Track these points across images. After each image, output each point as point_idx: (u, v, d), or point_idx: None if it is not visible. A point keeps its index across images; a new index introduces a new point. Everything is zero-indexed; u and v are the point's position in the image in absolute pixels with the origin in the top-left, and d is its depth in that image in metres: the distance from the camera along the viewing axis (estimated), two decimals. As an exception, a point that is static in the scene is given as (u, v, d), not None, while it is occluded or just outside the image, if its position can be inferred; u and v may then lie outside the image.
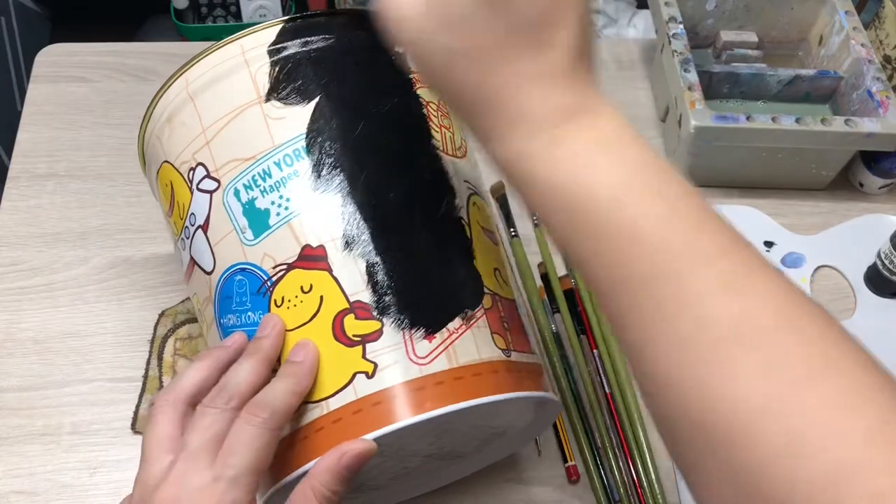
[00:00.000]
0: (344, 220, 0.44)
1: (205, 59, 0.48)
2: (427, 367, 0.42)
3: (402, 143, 0.47)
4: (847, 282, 0.70)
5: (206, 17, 1.60)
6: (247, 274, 0.46)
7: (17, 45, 1.50)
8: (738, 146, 0.70)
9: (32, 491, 0.57)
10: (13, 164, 0.75)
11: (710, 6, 0.80)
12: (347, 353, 0.42)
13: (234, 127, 0.47)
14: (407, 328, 0.42)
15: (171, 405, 0.41)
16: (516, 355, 0.45)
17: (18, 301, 0.66)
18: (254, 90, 0.47)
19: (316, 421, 0.42)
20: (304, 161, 0.45)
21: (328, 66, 0.47)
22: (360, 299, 0.43)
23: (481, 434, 0.50)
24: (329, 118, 0.46)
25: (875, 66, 0.72)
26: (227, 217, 0.47)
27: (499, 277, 0.47)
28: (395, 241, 0.44)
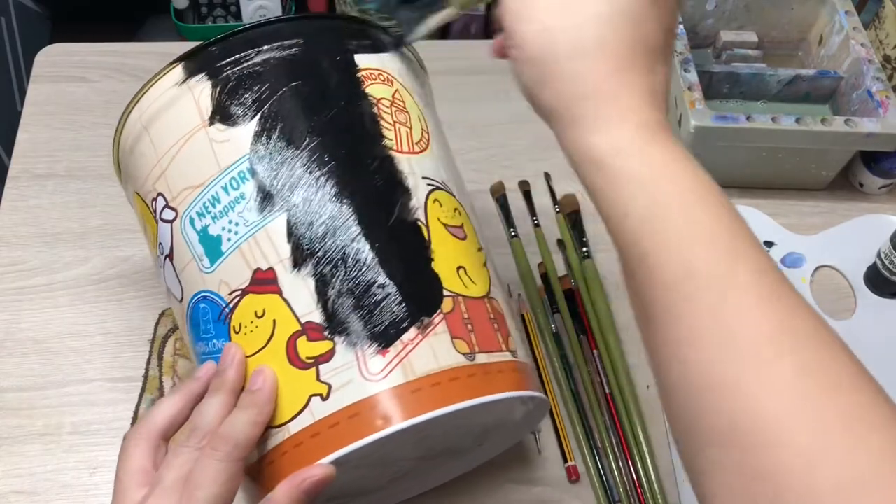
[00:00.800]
0: (291, 240, 0.43)
1: (153, 87, 0.48)
2: (381, 383, 0.41)
3: (348, 152, 0.45)
4: (847, 282, 0.70)
5: (206, 17, 1.60)
6: (208, 302, 0.46)
7: (17, 45, 1.49)
8: (738, 146, 0.70)
9: (32, 491, 0.57)
10: (13, 164, 0.75)
11: (710, 6, 0.80)
12: (302, 377, 0.42)
13: (184, 154, 0.46)
14: (359, 346, 0.42)
15: (145, 439, 0.42)
16: (483, 357, 0.44)
17: (18, 301, 0.66)
18: (198, 114, 0.46)
19: (280, 445, 0.42)
20: (248, 183, 0.44)
21: (266, 81, 0.46)
22: (311, 320, 0.42)
23: (471, 432, 0.50)
24: (270, 135, 0.45)
25: (875, 66, 0.72)
26: (186, 246, 0.47)
27: (463, 276, 0.46)
28: (343, 255, 0.43)
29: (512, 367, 0.46)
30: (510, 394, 0.44)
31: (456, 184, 0.51)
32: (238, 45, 0.47)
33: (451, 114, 0.66)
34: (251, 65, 0.46)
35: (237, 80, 0.46)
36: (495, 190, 0.74)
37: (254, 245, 0.44)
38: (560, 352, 0.64)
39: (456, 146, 0.77)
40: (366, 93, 0.47)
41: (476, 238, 0.49)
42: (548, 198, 0.74)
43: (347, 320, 0.42)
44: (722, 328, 0.32)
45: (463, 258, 0.46)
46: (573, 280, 0.68)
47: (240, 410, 0.41)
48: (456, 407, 0.41)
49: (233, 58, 0.46)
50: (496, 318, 0.46)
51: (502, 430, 0.52)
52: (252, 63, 0.46)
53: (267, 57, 0.46)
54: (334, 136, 0.45)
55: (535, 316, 0.66)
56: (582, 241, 0.70)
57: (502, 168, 0.76)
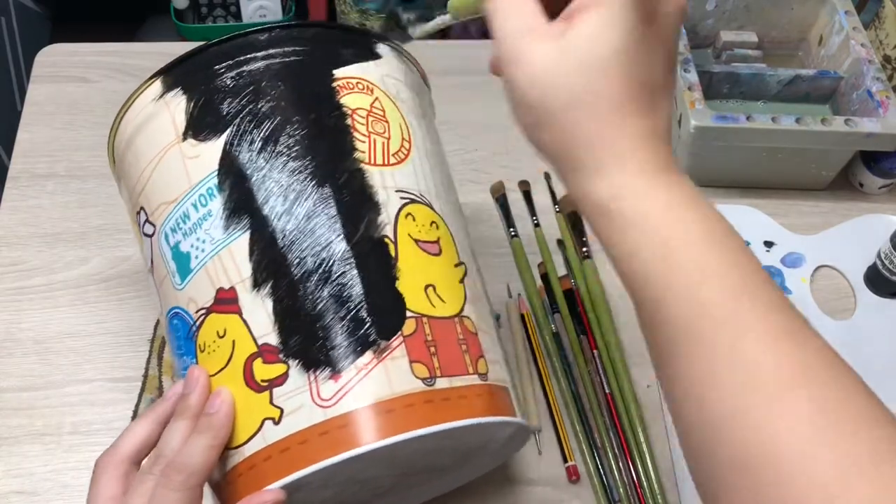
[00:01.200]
0: (252, 259, 0.43)
1: (135, 102, 0.48)
2: (331, 409, 0.40)
3: (315, 168, 0.44)
4: (847, 282, 0.70)
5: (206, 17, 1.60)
6: (179, 318, 0.46)
7: (17, 45, 1.49)
8: (738, 146, 0.70)
9: (32, 491, 0.57)
10: (13, 164, 0.75)
11: (710, 6, 0.80)
12: (257, 399, 0.41)
13: (160, 169, 0.46)
14: (312, 370, 0.41)
15: (114, 465, 0.42)
16: (444, 381, 0.42)
17: (18, 301, 0.66)
18: (173, 130, 0.46)
19: (236, 467, 0.42)
20: (216, 200, 0.44)
21: (237, 96, 0.45)
22: (267, 342, 0.42)
23: (447, 454, 0.48)
24: (238, 151, 0.44)
25: (875, 66, 0.72)
26: (163, 261, 0.47)
27: (431, 295, 0.44)
28: (302, 276, 0.42)
29: (478, 391, 0.43)
30: (467, 421, 0.42)
31: (441, 193, 0.49)
32: (213, 58, 0.46)
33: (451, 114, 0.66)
34: (223, 79, 0.46)
35: (210, 94, 0.46)
36: (495, 190, 0.74)
37: (218, 263, 0.43)
38: (560, 352, 0.64)
39: (456, 146, 0.78)
40: (340, 104, 0.46)
41: (454, 252, 0.47)
42: (548, 198, 0.74)
43: (302, 344, 0.41)
44: (738, 367, 0.32)
45: (434, 276, 0.45)
46: (573, 280, 0.68)
47: (197, 435, 0.41)
48: (406, 436, 0.39)
49: (207, 71, 0.46)
50: (466, 339, 0.44)
51: (486, 449, 0.50)
52: (225, 77, 0.46)
53: (240, 70, 0.46)
54: (302, 152, 0.44)
55: (535, 316, 0.66)
56: (582, 241, 0.70)
57: (502, 168, 0.76)
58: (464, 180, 0.75)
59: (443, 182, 0.50)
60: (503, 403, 0.45)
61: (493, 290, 0.67)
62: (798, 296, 0.68)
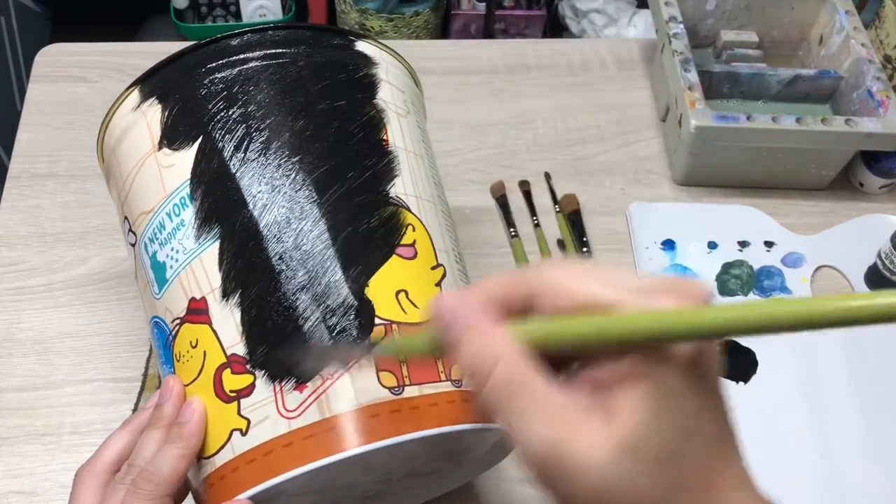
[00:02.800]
0: (221, 269, 0.42)
1: (116, 113, 0.48)
2: (296, 420, 0.39)
3: (286, 174, 0.43)
4: (847, 282, 0.70)
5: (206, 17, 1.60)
6: (159, 328, 0.46)
7: (17, 45, 1.49)
8: (738, 146, 0.70)
9: (32, 491, 0.57)
10: (13, 164, 0.75)
11: (710, 6, 0.80)
12: (226, 410, 0.41)
13: (139, 179, 0.46)
14: (277, 381, 0.40)
15: (94, 475, 0.43)
16: (413, 389, 0.41)
17: (18, 301, 0.66)
18: (150, 139, 0.46)
19: (208, 477, 0.42)
20: (188, 209, 0.44)
21: (209, 103, 0.45)
22: (235, 352, 0.41)
23: (430, 459, 0.46)
24: (209, 159, 0.44)
25: (875, 66, 0.72)
26: (143, 270, 0.47)
27: (403, 300, 0.42)
28: (269, 285, 0.41)
29: (450, 398, 0.42)
30: (431, 431, 0.40)
31: (421, 193, 0.47)
32: (187, 65, 0.46)
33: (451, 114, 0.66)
34: (196, 87, 0.45)
35: (183, 102, 0.45)
36: (495, 190, 0.74)
37: (190, 273, 0.43)
38: (560, 352, 0.64)
39: (456, 146, 0.78)
40: (312, 107, 0.46)
41: (431, 254, 0.45)
42: (548, 198, 0.74)
43: (268, 354, 0.41)
44: None
45: (407, 280, 0.43)
46: (573, 280, 0.68)
47: (167, 445, 0.41)
48: (366, 448, 0.38)
49: (181, 79, 0.46)
50: None
51: (472, 454, 0.48)
52: (197, 84, 0.45)
53: (212, 77, 0.45)
54: (278, 161, 0.44)
55: (536, 316, 0.66)
56: (582, 241, 0.70)
57: (502, 168, 0.76)
58: (464, 180, 0.75)
59: (424, 182, 0.48)
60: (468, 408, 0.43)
61: (494, 290, 0.67)
62: (798, 296, 0.68)
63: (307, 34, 0.48)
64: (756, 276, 0.69)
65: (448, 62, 0.83)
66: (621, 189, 0.75)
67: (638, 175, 0.76)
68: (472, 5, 1.65)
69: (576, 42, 0.89)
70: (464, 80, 0.82)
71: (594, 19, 1.61)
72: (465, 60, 0.84)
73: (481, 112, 0.80)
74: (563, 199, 0.73)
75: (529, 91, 0.82)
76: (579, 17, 1.64)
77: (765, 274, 0.69)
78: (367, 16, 1.57)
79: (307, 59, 0.47)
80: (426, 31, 1.61)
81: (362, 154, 0.45)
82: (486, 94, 0.82)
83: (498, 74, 0.84)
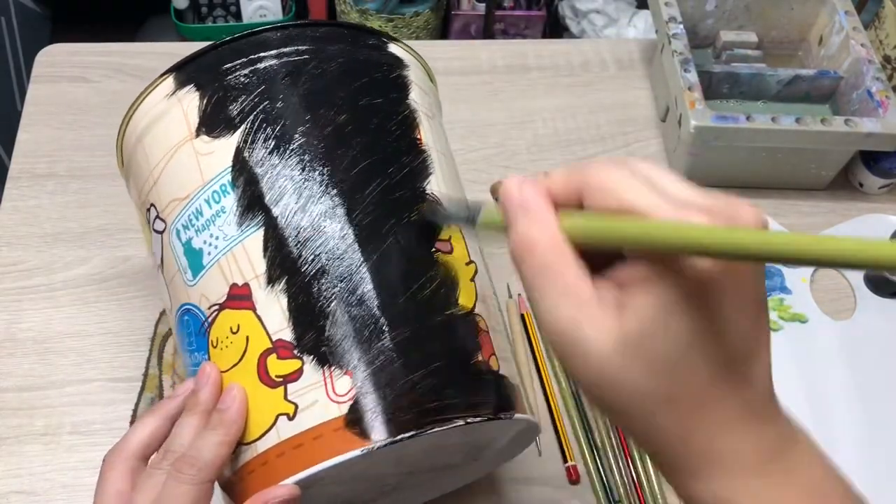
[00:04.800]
0: (266, 255, 0.43)
1: (146, 99, 0.48)
2: (346, 404, 0.40)
3: (333, 169, 0.44)
4: (847, 282, 0.70)
5: (206, 17, 1.60)
6: (191, 315, 0.46)
7: (17, 45, 1.50)
8: (738, 146, 0.70)
9: (32, 491, 0.57)
10: (13, 164, 0.75)
11: (710, 6, 0.80)
12: (271, 395, 0.41)
13: (172, 166, 0.46)
14: (326, 366, 0.41)
15: (122, 461, 0.42)
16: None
17: (18, 301, 0.66)
18: (185, 126, 0.46)
19: (248, 463, 0.42)
20: (230, 196, 0.44)
21: (252, 92, 0.45)
22: (281, 338, 0.42)
23: (457, 450, 0.48)
24: (252, 148, 0.44)
25: (875, 66, 0.72)
26: (174, 258, 0.47)
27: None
28: (316, 273, 0.42)
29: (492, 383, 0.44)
30: (476, 419, 0.41)
31: (451, 192, 0.49)
32: (226, 55, 0.46)
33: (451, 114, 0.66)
34: (237, 76, 0.46)
35: (224, 91, 0.45)
36: (495, 190, 0.74)
37: (231, 260, 0.43)
38: (560, 352, 0.64)
39: (456, 146, 0.78)
40: (355, 104, 0.46)
41: (464, 250, 0.47)
42: (548, 198, 0.74)
43: (315, 340, 0.41)
44: None
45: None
46: (573, 280, 0.68)
47: (208, 431, 0.41)
48: (423, 432, 0.39)
49: (220, 69, 0.46)
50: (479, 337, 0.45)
51: (493, 446, 0.50)
52: (238, 74, 0.46)
53: (254, 68, 0.46)
54: (320, 151, 0.44)
55: (535, 316, 0.66)
56: (582, 241, 0.70)
57: (502, 168, 0.76)
58: (464, 180, 0.75)
59: (452, 179, 0.50)
60: (513, 399, 0.45)
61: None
62: (798, 296, 0.68)
63: (345, 32, 0.49)
64: (756, 276, 0.69)
65: (448, 62, 0.83)
66: (621, 189, 0.75)
67: (638, 175, 0.76)
68: (472, 5, 1.65)
69: (576, 42, 0.89)
70: (464, 80, 0.82)
71: (594, 20, 1.61)
72: (465, 60, 0.84)
73: (481, 112, 0.80)
74: (563, 199, 0.73)
75: (529, 91, 0.82)
76: (579, 18, 1.64)
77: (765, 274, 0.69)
78: (367, 16, 1.57)
79: (347, 56, 0.47)
80: (426, 32, 1.62)
81: (400, 151, 0.46)
82: (486, 94, 0.82)
83: (498, 74, 0.84)
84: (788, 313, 0.67)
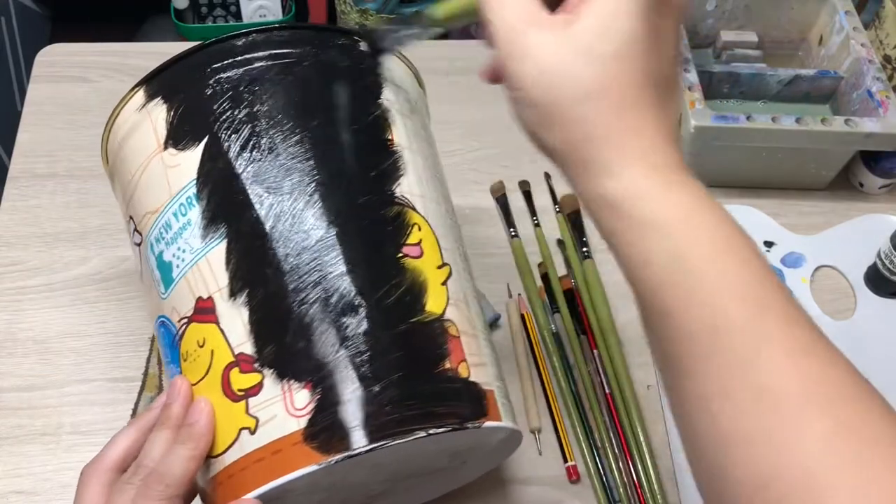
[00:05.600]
0: (228, 269, 0.42)
1: (120, 113, 0.48)
2: (304, 418, 0.39)
3: (293, 175, 0.43)
4: (847, 282, 0.70)
5: (206, 17, 1.60)
6: (165, 328, 0.46)
7: (17, 45, 1.49)
8: (738, 146, 0.70)
9: (32, 491, 0.57)
10: (13, 164, 0.75)
11: (710, 6, 0.80)
12: (234, 409, 0.41)
13: (144, 179, 0.47)
14: (286, 379, 0.40)
15: (99, 474, 0.42)
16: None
17: (18, 301, 0.66)
18: (155, 139, 0.46)
19: (216, 476, 0.42)
20: (195, 209, 0.44)
21: (215, 103, 0.45)
22: (243, 351, 0.41)
23: (436, 457, 0.47)
24: (215, 159, 0.44)
25: (875, 66, 0.72)
26: (150, 270, 0.47)
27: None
28: (277, 285, 0.41)
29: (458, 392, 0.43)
30: (441, 429, 0.40)
31: (427, 193, 0.47)
32: (192, 65, 0.46)
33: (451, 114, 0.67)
34: (201, 87, 0.45)
35: (188, 102, 0.46)
36: (495, 190, 0.74)
37: (197, 273, 0.43)
38: (560, 352, 0.64)
39: (456, 146, 0.78)
40: (319, 106, 0.46)
41: (438, 254, 0.46)
42: (548, 198, 0.74)
43: (276, 353, 0.41)
44: (754, 383, 0.31)
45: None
46: (573, 280, 0.68)
47: (177, 445, 0.41)
48: (376, 446, 0.39)
49: (186, 79, 0.46)
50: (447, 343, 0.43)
51: (477, 452, 0.49)
52: (202, 85, 0.45)
53: (217, 77, 0.45)
54: (284, 161, 0.44)
55: (535, 316, 0.66)
56: (582, 241, 0.70)
57: (502, 168, 0.76)
58: (464, 180, 0.75)
59: (429, 181, 0.49)
60: (486, 406, 0.44)
61: (494, 289, 0.67)
62: (798, 296, 0.68)
63: (311, 34, 0.48)
64: (756, 276, 0.69)
65: (448, 62, 0.83)
66: (621, 189, 0.75)
67: (638, 175, 0.76)
68: (472, 5, 1.65)
69: (576, 42, 0.89)
70: (464, 80, 0.82)
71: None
72: (465, 60, 0.84)
73: (481, 112, 0.80)
74: (564, 200, 0.73)
75: (529, 91, 0.82)
76: (579, 18, 1.63)
77: (765, 274, 0.69)
78: (367, 16, 1.57)
79: (312, 60, 0.47)
80: (426, 32, 1.61)
81: (368, 154, 0.45)
82: (486, 94, 0.82)
83: (498, 74, 0.84)
84: (788, 313, 0.67)
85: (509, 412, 0.46)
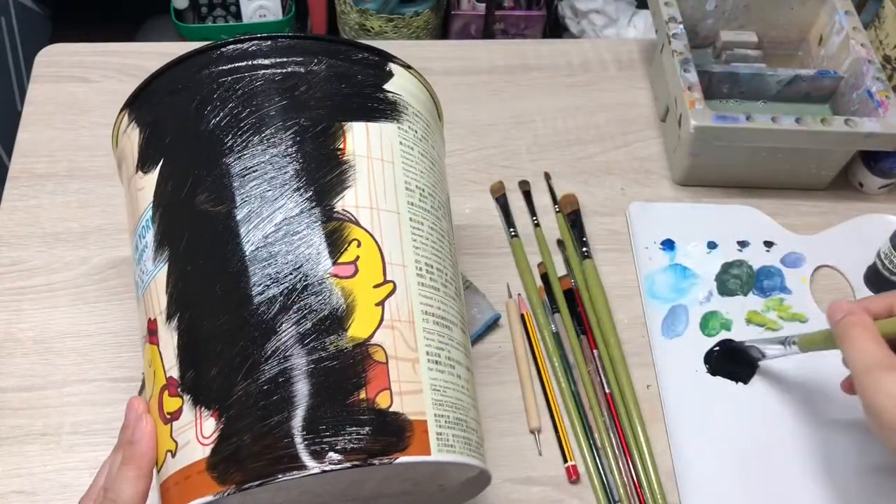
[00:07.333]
0: (167, 292, 0.43)
1: (117, 136, 0.50)
2: (209, 447, 0.39)
3: (231, 200, 0.42)
4: (847, 282, 0.70)
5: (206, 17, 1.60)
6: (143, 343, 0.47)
7: (17, 45, 1.49)
8: (737, 146, 0.70)
9: (32, 491, 0.57)
10: (13, 164, 0.75)
11: (710, 6, 0.80)
12: (164, 431, 0.42)
13: (127, 200, 0.49)
14: (198, 405, 0.40)
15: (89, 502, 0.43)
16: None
17: (18, 301, 0.66)
18: (133, 162, 0.47)
19: (160, 486, 0.42)
20: (150, 231, 0.45)
21: (168, 126, 0.45)
22: (172, 375, 0.42)
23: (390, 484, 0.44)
24: (166, 182, 0.44)
25: (875, 66, 0.72)
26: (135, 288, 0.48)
27: None
28: (203, 309, 0.41)
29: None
30: (335, 465, 0.37)
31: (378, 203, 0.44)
32: (160, 85, 0.47)
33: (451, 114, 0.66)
34: (166, 108, 0.46)
35: (154, 125, 0.46)
36: (495, 190, 0.74)
37: (149, 295, 0.44)
38: (560, 352, 0.64)
39: (456, 146, 0.78)
40: (268, 131, 0.45)
41: (379, 271, 0.42)
42: (548, 198, 0.74)
43: (193, 379, 0.41)
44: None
45: None
46: (573, 280, 0.68)
47: (123, 466, 0.42)
48: (287, 476, 0.37)
49: (153, 100, 0.47)
50: (366, 371, 0.40)
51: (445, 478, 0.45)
52: (166, 105, 0.46)
53: (173, 98, 0.46)
54: (224, 184, 0.43)
55: (535, 316, 0.66)
56: (582, 241, 0.70)
57: (502, 168, 0.76)
58: (464, 180, 0.75)
59: (388, 191, 0.45)
60: (402, 441, 0.39)
61: (494, 290, 0.67)
62: (798, 296, 0.68)
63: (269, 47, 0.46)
64: (756, 276, 0.69)
65: (448, 62, 0.84)
66: (621, 189, 0.75)
67: (638, 175, 0.76)
68: (472, 5, 1.65)
69: (576, 42, 0.89)
70: (464, 80, 0.82)
71: (594, 20, 1.61)
72: (465, 60, 0.84)
73: (481, 112, 0.80)
74: (563, 199, 0.73)
75: (529, 91, 0.82)
76: (579, 18, 1.64)
77: (764, 274, 0.69)
78: (367, 16, 1.57)
79: (262, 76, 0.45)
80: (426, 32, 1.61)
81: (311, 168, 0.43)
82: (486, 94, 0.82)
83: (498, 74, 0.84)
84: (788, 313, 0.67)
85: (452, 443, 0.42)
